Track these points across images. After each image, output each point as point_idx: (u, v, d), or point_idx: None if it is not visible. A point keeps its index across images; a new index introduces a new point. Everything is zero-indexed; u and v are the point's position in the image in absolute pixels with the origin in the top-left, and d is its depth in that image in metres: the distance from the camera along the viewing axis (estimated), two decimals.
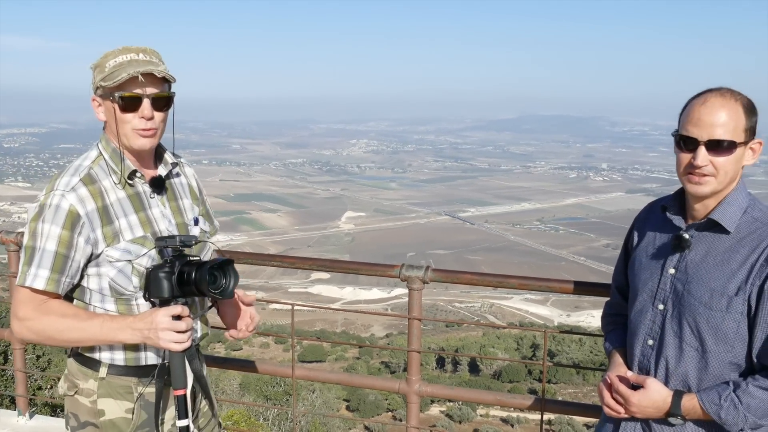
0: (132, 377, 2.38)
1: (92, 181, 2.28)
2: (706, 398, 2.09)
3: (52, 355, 11.30)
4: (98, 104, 2.32)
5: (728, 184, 2.13)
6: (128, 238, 2.30)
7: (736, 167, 2.11)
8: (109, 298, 2.32)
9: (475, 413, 27.18)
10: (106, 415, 2.38)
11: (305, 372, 3.98)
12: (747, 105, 2.08)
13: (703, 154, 2.07)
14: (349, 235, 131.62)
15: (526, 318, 71.96)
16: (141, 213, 2.36)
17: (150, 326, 2.18)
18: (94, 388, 2.38)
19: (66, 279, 2.24)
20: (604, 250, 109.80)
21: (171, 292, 2.23)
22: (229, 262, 2.30)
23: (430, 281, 3.38)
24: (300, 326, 55.67)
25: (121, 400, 2.38)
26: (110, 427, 2.38)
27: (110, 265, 2.28)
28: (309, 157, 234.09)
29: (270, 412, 14.04)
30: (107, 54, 2.27)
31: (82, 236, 2.23)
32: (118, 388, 2.38)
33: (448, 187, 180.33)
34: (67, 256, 2.22)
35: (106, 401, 2.38)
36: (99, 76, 2.26)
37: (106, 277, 2.29)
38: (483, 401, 4.08)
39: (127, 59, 2.24)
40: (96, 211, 2.25)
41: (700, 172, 2.09)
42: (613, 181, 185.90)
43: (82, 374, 2.40)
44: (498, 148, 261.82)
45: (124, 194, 2.34)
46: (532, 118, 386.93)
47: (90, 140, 2.52)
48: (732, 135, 2.05)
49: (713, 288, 2.10)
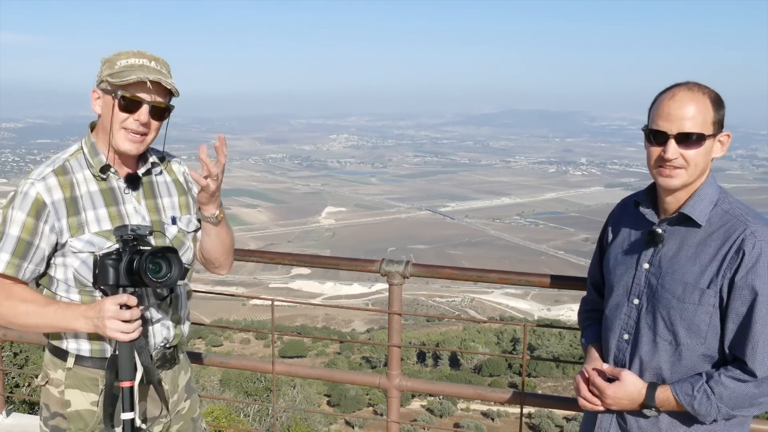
0: (99, 369, 2.39)
1: (64, 172, 2.32)
2: (680, 390, 2.12)
3: (30, 353, 11.20)
4: (98, 97, 2.34)
5: (698, 177, 2.16)
6: (94, 231, 2.32)
7: (706, 160, 2.13)
8: (73, 289, 2.35)
9: (456, 407, 27.29)
10: (73, 406, 2.40)
11: (286, 367, 3.97)
12: (714, 98, 2.10)
13: (673, 147, 2.10)
14: (330, 230, 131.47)
15: (507, 312, 72.36)
16: (112, 207, 2.37)
17: (98, 315, 2.18)
18: (62, 378, 2.40)
19: (29, 265, 2.28)
20: (584, 244, 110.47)
21: (116, 280, 2.21)
22: (172, 249, 2.26)
23: (410, 276, 3.39)
24: (280, 322, 55.62)
25: (88, 392, 2.40)
26: (76, 418, 2.40)
27: (74, 255, 2.30)
28: (289, 152, 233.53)
29: (250, 408, 14.00)
30: (121, 53, 2.31)
31: (47, 224, 2.26)
32: (85, 380, 2.40)
33: (429, 182, 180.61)
34: (31, 242, 2.25)
35: (73, 392, 2.40)
36: (107, 71, 2.28)
37: (71, 268, 2.32)
38: (463, 395, 4.08)
39: (139, 63, 2.28)
40: (63, 200, 2.28)
41: (670, 165, 2.12)
42: (591, 176, 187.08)
43: (52, 364, 2.43)
44: (478, 143, 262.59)
45: (97, 188, 2.36)
46: (511, 113, 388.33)
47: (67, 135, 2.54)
48: (701, 128, 2.08)
49: (686, 281, 2.12)
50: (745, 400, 2.06)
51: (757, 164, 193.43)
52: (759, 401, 2.07)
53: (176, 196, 2.58)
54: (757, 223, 2.07)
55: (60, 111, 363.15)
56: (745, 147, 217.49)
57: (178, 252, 2.30)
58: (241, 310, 65.30)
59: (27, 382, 8.50)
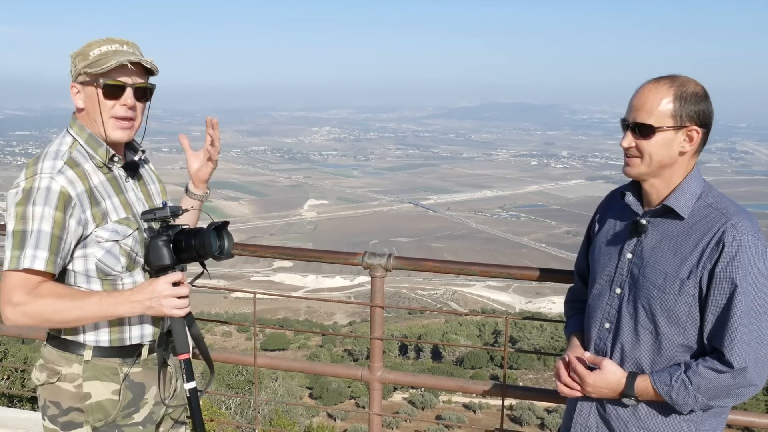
0: (116, 358, 2.41)
1: (76, 164, 2.32)
2: (658, 379, 2.14)
3: (9, 345, 11.13)
4: (77, 91, 2.35)
5: (661, 169, 2.17)
6: (114, 219, 2.35)
7: (666, 152, 2.14)
8: (95, 279, 2.34)
9: (438, 400, 27.31)
10: (93, 397, 2.39)
11: (268, 360, 3.96)
12: (682, 93, 2.11)
13: (628, 136, 2.17)
14: (312, 223, 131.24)
15: (488, 305, 72.52)
16: (121, 196, 2.42)
17: (152, 295, 2.24)
18: (79, 372, 2.38)
19: (60, 260, 2.26)
20: (565, 236, 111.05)
21: (172, 260, 2.30)
22: (226, 224, 2.39)
23: (392, 269, 3.39)
24: (262, 314, 55.46)
25: (108, 382, 2.40)
26: (97, 409, 2.39)
27: (98, 245, 2.31)
28: (271, 145, 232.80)
29: (232, 401, 13.98)
30: (91, 43, 2.32)
31: (74, 218, 2.26)
32: (104, 370, 2.40)
33: (411, 175, 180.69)
34: (61, 237, 2.23)
35: (93, 384, 2.38)
36: (82, 64, 2.29)
37: (93, 258, 2.32)
38: (445, 388, 4.10)
39: (113, 49, 2.29)
40: (85, 192, 2.29)
41: (627, 153, 2.19)
42: (573, 169, 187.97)
43: (64, 360, 2.39)
44: (460, 135, 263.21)
45: (104, 178, 2.39)
46: (493, 106, 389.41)
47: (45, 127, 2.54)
48: (653, 119, 2.11)
49: (666, 272, 2.15)
50: (722, 390, 2.08)
51: (736, 157, 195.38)
52: (736, 392, 2.09)
53: (157, 183, 2.66)
54: (738, 216, 2.09)
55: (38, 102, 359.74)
56: (724, 140, 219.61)
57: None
58: (222, 302, 65.07)
59: (6, 375, 8.43)
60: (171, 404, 2.57)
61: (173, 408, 2.62)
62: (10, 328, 4.70)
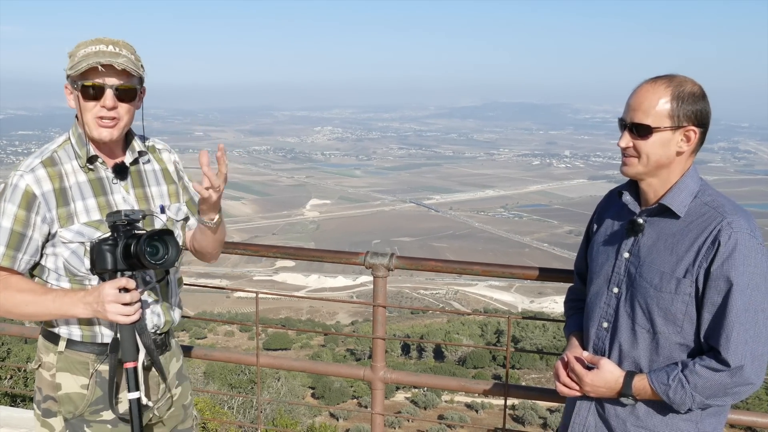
0: (90, 354, 2.44)
1: (53, 164, 2.35)
2: (656, 378, 2.14)
3: (12, 345, 11.14)
4: (70, 92, 2.36)
5: (658, 169, 2.18)
6: (83, 221, 2.36)
7: (664, 152, 2.15)
8: (63, 278, 2.39)
9: (440, 399, 27.32)
10: (63, 389, 2.44)
11: (270, 360, 3.97)
12: (680, 93, 2.11)
13: (625, 136, 2.17)
14: (314, 222, 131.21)
15: (491, 304, 72.50)
16: (101, 197, 2.41)
17: (98, 299, 2.22)
18: (53, 361, 2.44)
19: (24, 256, 2.32)
20: (567, 236, 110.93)
21: (114, 265, 2.25)
22: (168, 232, 2.30)
23: (394, 268, 3.39)
24: (265, 314, 55.50)
25: (78, 375, 2.44)
26: (67, 401, 2.44)
27: (64, 246, 2.34)
28: (273, 145, 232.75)
29: (235, 401, 13.99)
30: (80, 43, 2.33)
31: (39, 215, 2.30)
32: (76, 364, 2.44)
33: (413, 175, 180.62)
34: (24, 234, 2.29)
35: (64, 375, 2.43)
36: (68, 65, 2.31)
37: (61, 258, 2.36)
38: (448, 387, 4.10)
39: (95, 50, 2.27)
40: (52, 192, 2.32)
41: (625, 153, 2.20)
42: (575, 168, 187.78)
43: (45, 348, 2.48)
44: (462, 135, 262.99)
45: (85, 178, 2.40)
46: (495, 106, 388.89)
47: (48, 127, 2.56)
48: (650, 120, 2.11)
49: (663, 270, 2.15)
50: (719, 389, 2.09)
51: (738, 156, 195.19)
52: (733, 391, 2.09)
53: (165, 185, 2.62)
54: (735, 215, 2.09)
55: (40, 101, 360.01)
56: (727, 139, 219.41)
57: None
58: (225, 302, 65.08)
59: (9, 375, 8.44)
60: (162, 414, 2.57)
61: (167, 414, 2.61)
62: (13, 328, 4.71)
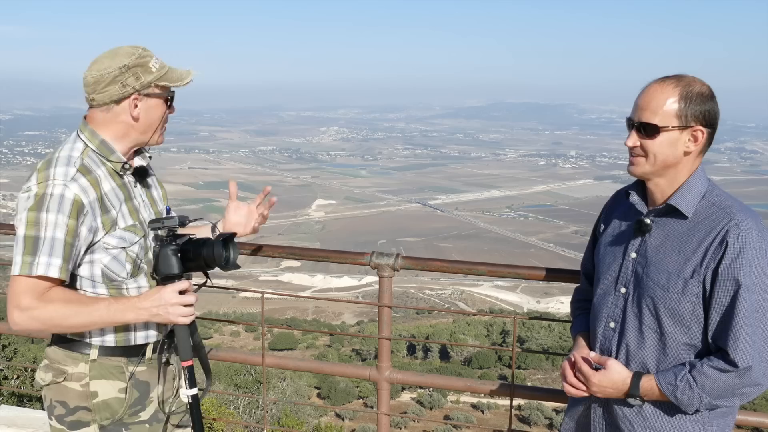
0: (122, 357, 2.45)
1: (88, 172, 2.34)
2: (663, 379, 2.14)
3: (19, 345, 11.16)
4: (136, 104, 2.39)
5: (666, 169, 2.17)
6: (122, 226, 2.38)
7: (671, 152, 2.14)
8: (100, 285, 2.38)
9: (446, 400, 27.28)
10: (100, 396, 2.42)
11: (276, 360, 3.97)
12: (688, 92, 2.10)
13: (633, 136, 2.17)
14: (320, 222, 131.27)
15: (496, 305, 72.40)
16: (129, 203, 2.45)
17: (159, 303, 2.29)
18: (85, 371, 2.41)
19: (70, 267, 2.29)
20: (573, 236, 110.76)
21: (180, 269, 2.35)
22: (233, 235, 2.47)
23: (400, 269, 3.38)
24: (270, 314, 55.56)
25: (114, 380, 2.44)
26: (103, 408, 2.42)
27: (105, 252, 2.34)
28: (278, 145, 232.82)
29: (240, 401, 14.00)
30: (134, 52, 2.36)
31: (85, 225, 2.28)
32: (111, 369, 2.43)
33: (419, 175, 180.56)
34: (73, 244, 2.26)
35: (99, 383, 2.42)
36: (149, 77, 2.36)
37: (99, 264, 2.35)
38: (453, 388, 4.10)
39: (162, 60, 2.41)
40: (96, 200, 2.32)
41: (632, 152, 2.19)
42: (581, 168, 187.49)
43: (71, 359, 2.42)
44: (467, 135, 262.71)
45: (115, 184, 2.41)
46: (500, 106, 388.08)
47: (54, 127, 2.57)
48: (658, 119, 2.11)
49: (670, 271, 2.14)
50: (727, 390, 2.08)
51: (745, 157, 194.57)
52: (741, 391, 2.09)
53: (159, 188, 2.69)
54: (742, 215, 2.08)
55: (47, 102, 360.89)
56: (733, 140, 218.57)
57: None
58: (230, 302, 65.13)
59: (16, 375, 8.46)
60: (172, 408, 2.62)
61: (176, 409, 2.66)
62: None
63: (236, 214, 2.90)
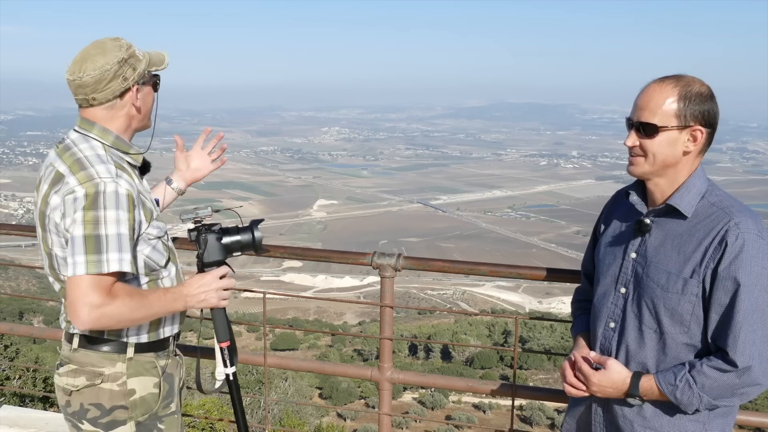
0: (151, 352, 2.49)
1: (122, 168, 2.36)
2: (663, 379, 2.14)
3: (21, 345, 11.17)
4: (135, 92, 2.42)
5: (665, 168, 2.17)
6: (155, 216, 2.44)
7: (670, 152, 2.14)
8: (143, 276, 2.42)
9: (448, 400, 27.27)
10: (137, 393, 2.44)
11: (277, 360, 3.97)
12: (687, 92, 2.10)
13: (632, 135, 2.17)
14: (321, 223, 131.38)
15: (498, 305, 72.38)
16: (148, 193, 2.51)
17: (206, 289, 2.43)
18: (122, 370, 2.42)
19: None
20: (575, 236, 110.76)
21: (223, 255, 2.51)
22: (260, 220, 2.64)
23: (402, 269, 3.38)
24: (272, 314, 55.53)
25: (149, 376, 2.48)
26: (140, 404, 2.45)
27: (147, 242, 2.38)
28: (280, 145, 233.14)
29: (244, 401, 14.02)
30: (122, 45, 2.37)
31: (136, 220, 2.32)
32: (145, 365, 2.47)
33: (420, 175, 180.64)
34: (132, 238, 2.30)
35: (135, 380, 2.44)
36: (143, 66, 2.40)
37: (142, 255, 2.38)
38: (455, 388, 4.09)
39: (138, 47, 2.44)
40: (139, 194, 2.37)
41: (631, 152, 2.20)
42: (583, 169, 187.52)
43: (107, 361, 2.41)
44: (469, 135, 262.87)
45: (137, 178, 2.47)
46: (502, 106, 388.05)
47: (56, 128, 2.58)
48: (657, 119, 2.11)
49: (670, 271, 2.14)
50: (726, 389, 2.08)
51: (747, 157, 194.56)
52: (741, 391, 2.09)
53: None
54: (742, 215, 2.08)
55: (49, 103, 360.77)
56: (735, 140, 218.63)
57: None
58: (232, 302, 64.74)
59: (18, 375, 8.46)
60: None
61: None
62: (21, 328, 4.73)
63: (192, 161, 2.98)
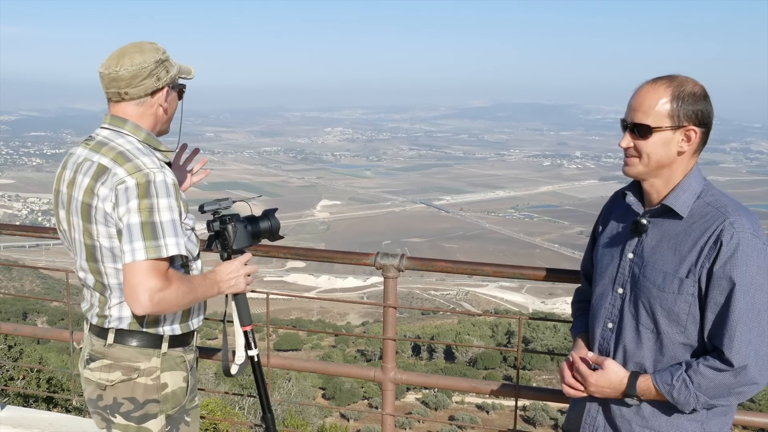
0: (179, 346, 2.53)
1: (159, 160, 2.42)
2: (660, 379, 2.14)
3: (25, 345, 11.19)
4: (165, 94, 2.50)
5: (660, 169, 2.18)
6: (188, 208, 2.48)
7: (664, 152, 2.15)
8: (178, 265, 2.45)
9: (451, 400, 27.24)
10: (169, 387, 2.48)
11: (281, 360, 3.98)
12: (680, 93, 2.11)
13: (625, 137, 2.20)
14: (325, 223, 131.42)
15: (501, 305, 72.29)
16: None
17: (236, 274, 2.56)
18: (157, 364, 2.46)
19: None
20: (578, 237, 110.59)
21: (249, 242, 2.64)
22: (275, 209, 2.77)
23: (405, 269, 3.39)
24: (275, 315, 55.55)
25: (179, 371, 2.52)
26: (171, 398, 2.49)
27: (185, 232, 2.40)
28: (283, 146, 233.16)
29: (246, 401, 14.00)
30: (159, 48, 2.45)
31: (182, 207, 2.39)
32: (176, 359, 2.51)
33: (423, 175, 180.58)
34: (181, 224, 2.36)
35: (167, 374, 2.48)
36: (174, 70, 2.49)
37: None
38: (458, 388, 4.10)
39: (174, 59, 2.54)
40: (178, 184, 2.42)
41: (626, 153, 2.22)
42: (586, 169, 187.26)
43: (143, 356, 2.45)
44: (472, 136, 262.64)
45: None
46: (505, 106, 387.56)
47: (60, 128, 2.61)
48: (650, 120, 2.12)
49: (666, 271, 2.15)
50: (723, 389, 2.08)
51: (751, 157, 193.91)
52: (737, 390, 2.09)
53: None
54: (737, 215, 2.09)
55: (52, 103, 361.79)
56: (739, 140, 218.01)
57: None
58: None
59: (21, 375, 8.47)
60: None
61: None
62: (25, 328, 4.74)
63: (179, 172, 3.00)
